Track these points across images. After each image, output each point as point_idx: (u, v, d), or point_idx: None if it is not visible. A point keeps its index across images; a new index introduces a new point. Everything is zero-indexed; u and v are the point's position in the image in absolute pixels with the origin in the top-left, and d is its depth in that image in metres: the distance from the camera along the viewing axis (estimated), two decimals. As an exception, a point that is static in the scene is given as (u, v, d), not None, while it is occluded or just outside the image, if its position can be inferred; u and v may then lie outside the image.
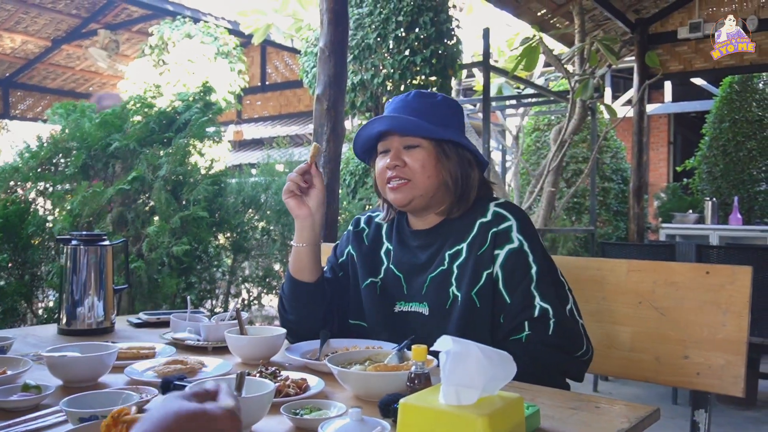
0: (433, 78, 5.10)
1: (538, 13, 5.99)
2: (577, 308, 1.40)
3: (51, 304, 3.19)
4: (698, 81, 9.72)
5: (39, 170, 3.30)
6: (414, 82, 5.08)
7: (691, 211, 7.23)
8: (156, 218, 3.34)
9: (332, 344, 1.44)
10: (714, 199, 6.97)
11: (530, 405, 0.98)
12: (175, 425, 0.61)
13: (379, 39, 5.01)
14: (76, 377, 1.18)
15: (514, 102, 8.14)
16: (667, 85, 10.75)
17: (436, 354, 0.87)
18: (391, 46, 5.00)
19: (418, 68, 4.99)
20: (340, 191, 3.39)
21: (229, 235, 3.82)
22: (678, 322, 1.55)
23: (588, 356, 1.39)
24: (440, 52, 5.04)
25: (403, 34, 4.97)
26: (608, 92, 10.67)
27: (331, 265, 1.65)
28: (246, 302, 4.04)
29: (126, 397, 0.99)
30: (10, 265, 3.05)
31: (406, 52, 4.98)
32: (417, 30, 4.97)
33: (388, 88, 5.09)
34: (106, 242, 1.75)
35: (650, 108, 9.79)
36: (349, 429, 0.83)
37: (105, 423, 0.79)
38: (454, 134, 1.46)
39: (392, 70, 4.97)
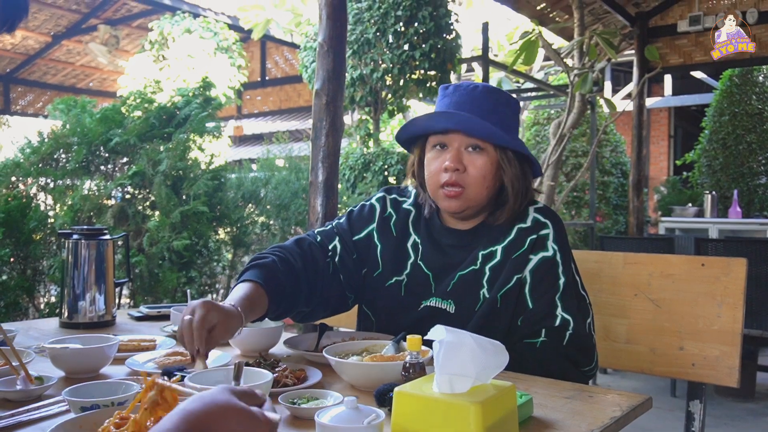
0: (432, 72, 5.10)
1: (538, 7, 5.99)
2: (593, 323, 1.40)
3: (53, 299, 3.21)
4: (698, 74, 9.70)
5: (40, 165, 3.32)
6: (413, 76, 5.09)
7: (690, 204, 7.23)
8: (156, 213, 3.36)
9: (330, 336, 1.46)
10: (713, 192, 6.97)
11: (523, 394, 0.99)
12: (221, 413, 0.64)
13: (378, 34, 5.02)
14: (78, 368, 1.20)
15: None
16: (667, 79, 10.73)
17: (430, 344, 0.89)
18: (390, 41, 5.00)
19: (417, 63, 5.00)
20: (339, 186, 3.40)
21: (229, 229, 3.84)
22: (673, 313, 1.56)
23: (594, 372, 1.40)
24: (439, 46, 5.04)
25: (402, 29, 4.98)
26: (608, 86, 10.65)
27: (343, 242, 1.50)
28: (246, 296, 4.06)
29: (126, 387, 1.01)
30: (12, 260, 3.07)
31: (405, 47, 4.99)
32: (416, 24, 4.97)
33: (387, 82, 5.10)
34: (107, 236, 1.76)
35: (650, 102, 9.78)
36: (345, 416, 0.84)
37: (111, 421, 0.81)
38: (519, 141, 1.39)
39: (391, 65, 4.97)
